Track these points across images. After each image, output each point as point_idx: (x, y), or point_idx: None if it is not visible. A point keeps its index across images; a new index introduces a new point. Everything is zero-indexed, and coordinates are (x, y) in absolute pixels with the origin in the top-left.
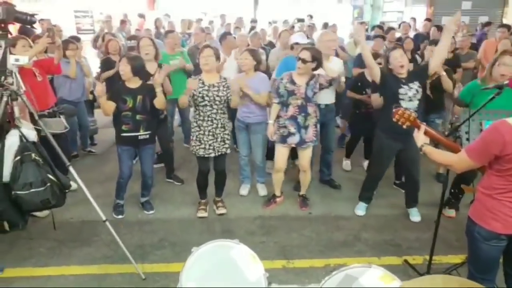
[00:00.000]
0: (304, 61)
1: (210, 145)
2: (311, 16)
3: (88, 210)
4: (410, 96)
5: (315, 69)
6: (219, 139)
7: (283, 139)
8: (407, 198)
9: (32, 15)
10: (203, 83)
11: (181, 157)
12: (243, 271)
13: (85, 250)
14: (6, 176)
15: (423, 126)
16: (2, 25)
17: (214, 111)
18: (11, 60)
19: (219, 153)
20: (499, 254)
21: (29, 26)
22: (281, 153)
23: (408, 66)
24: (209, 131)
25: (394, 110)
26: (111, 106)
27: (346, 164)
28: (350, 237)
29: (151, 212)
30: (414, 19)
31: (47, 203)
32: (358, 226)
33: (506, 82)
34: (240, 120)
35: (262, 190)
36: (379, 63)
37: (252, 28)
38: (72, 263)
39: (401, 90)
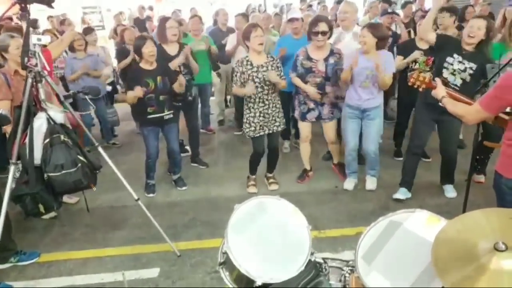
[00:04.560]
0: (324, 33)
1: (260, 126)
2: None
3: (116, 196)
4: (454, 69)
5: (328, 37)
6: (270, 118)
7: (303, 116)
8: (442, 174)
9: None
10: (251, 64)
11: (202, 142)
12: (287, 224)
13: (118, 233)
14: (38, 159)
15: (439, 81)
16: (23, 5)
17: (266, 92)
18: (33, 40)
19: (270, 131)
20: None
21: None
22: (304, 126)
23: (477, 42)
24: (260, 112)
25: (409, 74)
26: (136, 94)
27: None
28: (379, 206)
29: (184, 188)
30: None
31: (80, 183)
32: (386, 197)
33: None
34: (354, 107)
35: (372, 184)
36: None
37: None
38: (107, 245)
39: (449, 59)
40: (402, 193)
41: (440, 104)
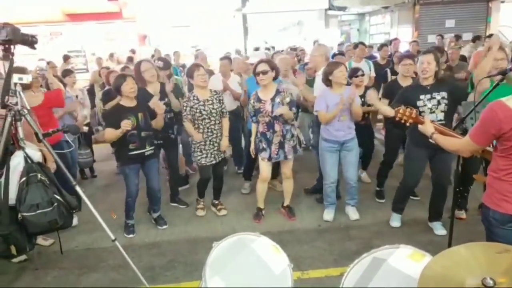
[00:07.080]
0: (264, 72)
1: (211, 153)
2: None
3: (93, 238)
4: (430, 107)
5: (275, 78)
6: (218, 147)
7: (259, 152)
8: (431, 210)
9: (34, 36)
10: (197, 99)
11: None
12: (267, 263)
13: (93, 276)
14: (12, 199)
15: (427, 118)
16: (6, 45)
17: (212, 122)
18: (14, 79)
19: (220, 159)
20: None
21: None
22: (264, 165)
23: (433, 74)
24: (210, 140)
25: (395, 110)
26: (116, 133)
27: None
28: (362, 245)
29: (165, 226)
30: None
31: (55, 223)
32: (369, 234)
33: (510, 66)
34: (332, 141)
35: (355, 214)
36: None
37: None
38: None
39: (419, 102)
40: (396, 220)
41: (430, 140)
